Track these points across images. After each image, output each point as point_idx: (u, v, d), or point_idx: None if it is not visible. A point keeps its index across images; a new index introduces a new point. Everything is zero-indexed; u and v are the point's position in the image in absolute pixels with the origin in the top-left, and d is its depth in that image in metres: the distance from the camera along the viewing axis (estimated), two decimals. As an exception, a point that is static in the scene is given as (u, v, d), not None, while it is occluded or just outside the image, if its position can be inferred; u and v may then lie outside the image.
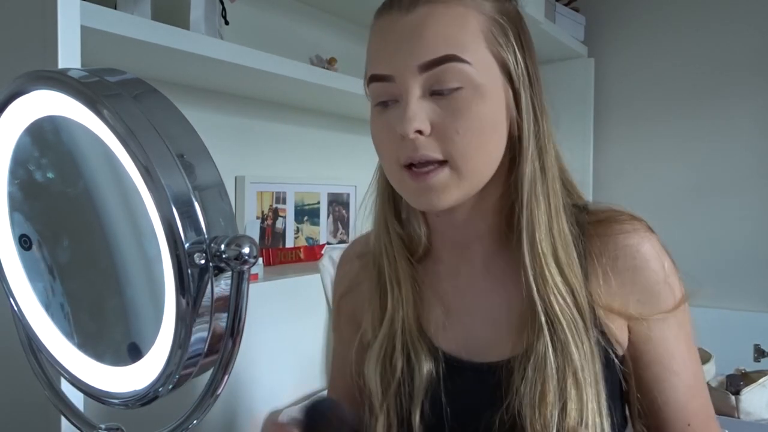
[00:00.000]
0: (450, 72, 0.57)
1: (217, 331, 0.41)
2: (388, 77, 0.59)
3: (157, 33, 0.90)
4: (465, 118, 0.58)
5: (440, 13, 0.58)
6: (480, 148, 0.59)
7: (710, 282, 1.98)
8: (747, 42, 1.97)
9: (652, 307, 0.63)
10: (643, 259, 0.63)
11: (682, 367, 0.65)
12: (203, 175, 0.40)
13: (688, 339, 0.66)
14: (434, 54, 0.57)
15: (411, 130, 0.57)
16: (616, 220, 0.65)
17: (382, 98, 0.61)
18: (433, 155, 0.58)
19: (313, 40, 1.54)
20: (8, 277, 0.48)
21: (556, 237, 0.61)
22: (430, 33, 0.57)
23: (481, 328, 0.66)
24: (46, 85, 0.41)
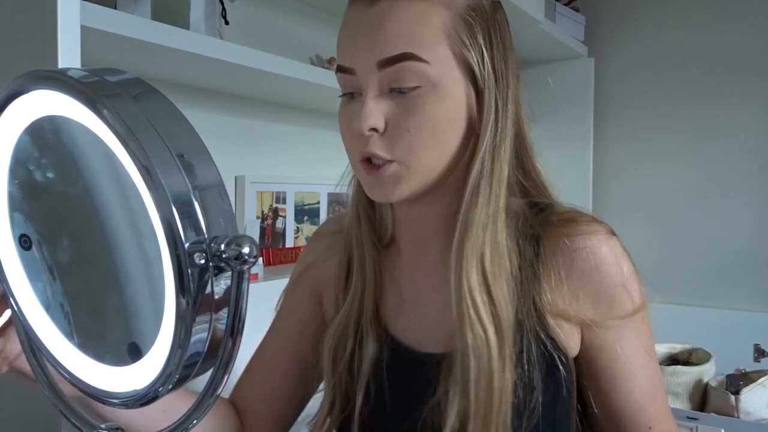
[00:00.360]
0: (407, 70, 0.56)
1: (217, 331, 0.41)
2: (350, 70, 0.59)
3: (157, 33, 0.90)
4: (418, 117, 0.57)
5: (401, 8, 0.56)
6: (431, 147, 0.59)
7: (710, 282, 1.99)
8: (747, 42, 1.97)
9: (605, 311, 0.61)
10: (598, 262, 0.61)
11: (639, 372, 0.63)
12: (203, 175, 0.40)
13: (646, 344, 0.64)
14: (392, 51, 0.56)
15: (365, 128, 0.57)
16: (576, 221, 0.63)
17: (346, 89, 0.61)
18: (382, 154, 0.58)
19: (313, 40, 1.54)
20: (8, 277, 0.48)
21: (487, 242, 0.59)
22: (390, 29, 0.56)
23: (431, 320, 0.66)
24: (46, 85, 0.41)
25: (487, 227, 0.59)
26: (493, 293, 0.59)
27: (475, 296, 0.58)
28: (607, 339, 0.62)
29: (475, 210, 0.59)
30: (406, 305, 0.68)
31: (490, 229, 0.59)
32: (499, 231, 0.60)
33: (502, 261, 0.60)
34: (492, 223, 0.59)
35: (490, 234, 0.59)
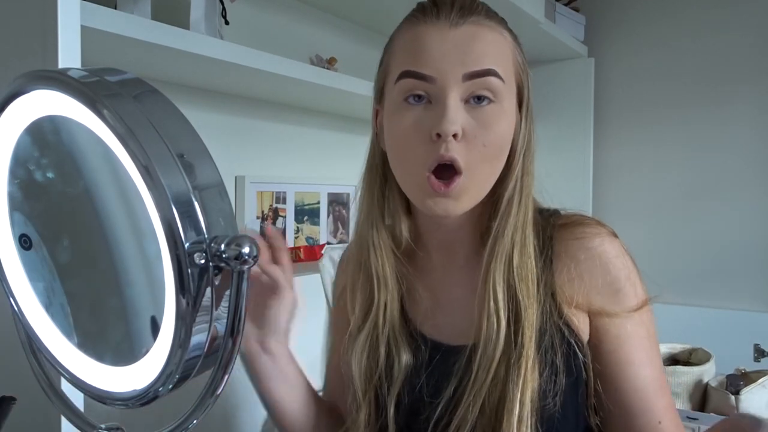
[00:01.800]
0: (488, 85, 0.63)
1: (217, 331, 0.41)
2: (429, 78, 0.63)
3: (157, 33, 0.90)
4: (492, 133, 0.64)
5: (485, 33, 0.65)
6: (494, 162, 0.65)
7: (710, 282, 1.99)
8: (747, 43, 1.97)
9: (612, 302, 0.68)
10: (604, 258, 0.68)
11: (644, 361, 0.68)
12: (203, 175, 0.40)
13: (650, 338, 0.69)
14: (481, 66, 0.63)
15: (451, 130, 0.61)
16: (582, 224, 0.70)
17: (415, 92, 0.64)
18: (458, 160, 0.62)
19: (313, 40, 1.54)
20: (8, 277, 0.48)
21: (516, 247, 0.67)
22: (478, 47, 0.63)
23: (460, 316, 0.71)
24: (46, 85, 0.41)
25: (517, 234, 0.67)
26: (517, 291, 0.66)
27: (497, 290, 0.65)
28: (613, 325, 0.68)
29: (508, 219, 0.67)
30: (435, 305, 0.74)
31: (519, 236, 0.67)
32: (528, 236, 0.67)
33: (528, 263, 0.67)
34: (521, 231, 0.67)
35: (519, 240, 0.67)
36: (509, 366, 0.64)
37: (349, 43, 1.66)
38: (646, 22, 2.14)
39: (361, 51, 1.70)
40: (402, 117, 0.65)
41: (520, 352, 0.64)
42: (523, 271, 0.66)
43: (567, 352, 0.67)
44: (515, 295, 0.66)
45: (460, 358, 0.68)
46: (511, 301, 0.66)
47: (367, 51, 1.75)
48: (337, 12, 1.59)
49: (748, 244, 1.96)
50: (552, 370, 0.66)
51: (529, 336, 0.64)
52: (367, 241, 0.73)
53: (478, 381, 0.65)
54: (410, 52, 0.65)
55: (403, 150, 0.65)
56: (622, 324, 0.68)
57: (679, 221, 2.07)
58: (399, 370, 0.71)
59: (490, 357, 0.65)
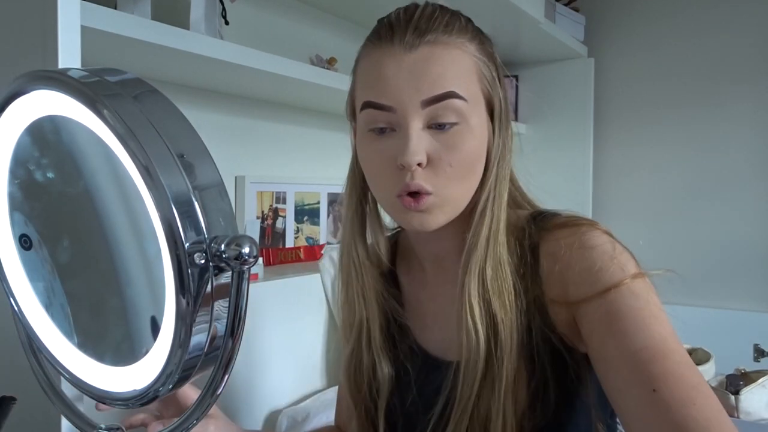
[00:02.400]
0: (449, 108, 0.62)
1: (217, 331, 0.41)
2: (389, 107, 0.63)
3: (157, 33, 0.90)
4: (458, 152, 0.63)
5: (441, 54, 0.63)
6: (463, 180, 0.65)
7: (710, 282, 1.99)
8: (747, 42, 1.97)
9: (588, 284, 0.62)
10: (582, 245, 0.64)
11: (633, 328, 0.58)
12: (203, 175, 0.40)
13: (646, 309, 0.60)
14: (437, 90, 0.62)
15: (413, 162, 0.62)
16: (566, 224, 0.68)
17: (378, 125, 0.65)
18: (425, 186, 0.63)
19: (313, 40, 1.54)
20: (8, 277, 0.48)
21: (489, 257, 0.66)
22: (434, 71, 0.62)
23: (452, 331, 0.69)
24: (46, 85, 0.41)
25: (489, 245, 0.66)
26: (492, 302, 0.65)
27: (473, 304, 0.64)
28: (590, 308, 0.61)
29: (481, 231, 0.66)
30: (429, 318, 0.74)
31: (491, 247, 0.66)
32: (500, 246, 0.66)
33: (501, 273, 0.66)
34: (493, 241, 0.66)
35: (492, 250, 0.66)
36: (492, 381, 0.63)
37: (349, 43, 1.66)
38: (646, 22, 2.14)
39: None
40: (369, 147, 0.66)
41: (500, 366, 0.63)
42: (496, 283, 0.65)
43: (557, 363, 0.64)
44: (491, 310, 0.64)
45: (447, 374, 0.67)
46: (488, 315, 0.65)
47: (367, 51, 1.75)
48: (337, 12, 1.59)
49: (748, 244, 1.96)
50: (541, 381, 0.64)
51: (508, 350, 0.63)
52: (348, 259, 0.75)
53: (463, 398, 0.64)
54: (369, 81, 0.66)
55: (373, 177, 0.68)
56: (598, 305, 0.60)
57: (678, 221, 2.07)
58: (383, 382, 0.72)
59: (473, 374, 0.64)
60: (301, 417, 1.20)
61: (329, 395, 1.31)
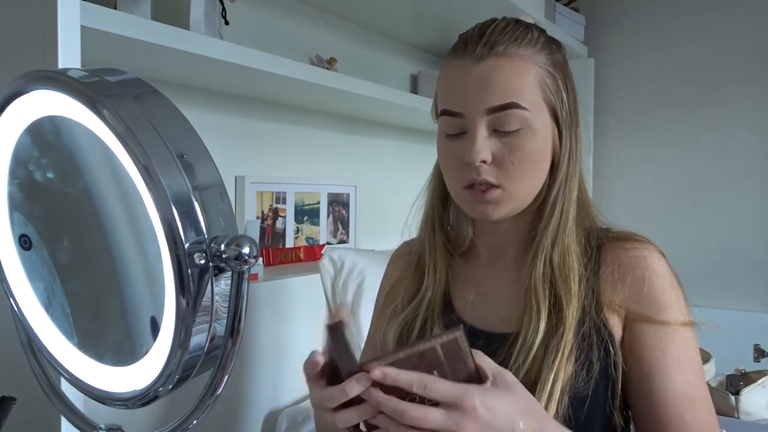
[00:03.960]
0: (511, 116, 0.70)
1: (217, 331, 0.41)
2: (459, 114, 0.72)
3: (157, 33, 0.90)
4: (519, 153, 0.71)
5: (505, 66, 0.71)
6: (528, 176, 0.72)
7: (710, 282, 1.99)
8: (747, 42, 1.97)
9: (650, 310, 0.71)
10: (649, 268, 0.73)
11: (674, 371, 0.70)
12: (203, 175, 0.40)
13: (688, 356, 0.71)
14: (500, 101, 0.70)
15: (477, 160, 0.70)
16: (632, 237, 0.77)
17: (451, 130, 0.74)
18: (491, 180, 0.71)
19: (313, 40, 1.54)
20: (8, 277, 0.48)
21: (556, 247, 0.73)
22: (497, 83, 0.70)
23: (501, 307, 0.77)
24: (46, 85, 0.41)
25: (558, 235, 0.74)
26: (557, 288, 0.72)
27: (538, 288, 0.72)
28: (648, 333, 0.71)
29: (551, 221, 0.74)
30: (480, 296, 0.80)
31: (560, 235, 0.74)
32: (567, 238, 0.74)
33: (568, 262, 0.73)
34: (562, 230, 0.74)
35: (560, 239, 0.74)
36: (547, 351, 0.69)
37: (349, 43, 1.66)
38: (646, 23, 2.14)
39: (361, 51, 1.70)
40: (444, 147, 0.75)
41: (558, 340, 0.69)
42: (563, 270, 0.72)
43: (600, 346, 0.71)
44: (556, 292, 0.72)
45: (503, 344, 0.73)
46: (552, 297, 0.72)
47: (367, 51, 1.75)
48: (337, 12, 1.59)
49: (748, 244, 1.96)
50: (586, 358, 0.70)
51: (567, 327, 0.70)
52: (424, 241, 0.84)
53: (517, 363, 0.70)
54: (445, 89, 0.75)
55: (446, 171, 0.77)
56: (656, 333, 0.71)
57: (679, 221, 2.07)
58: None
59: (530, 344, 0.70)
60: (301, 417, 1.20)
61: (329, 395, 1.31)
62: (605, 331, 0.71)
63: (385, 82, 1.45)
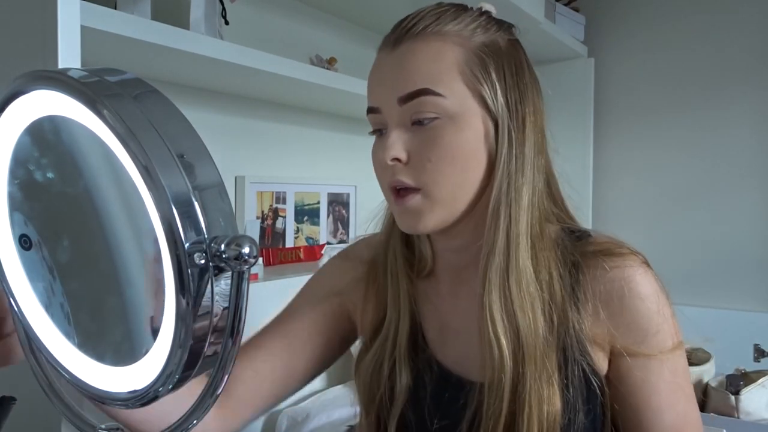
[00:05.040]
0: (425, 104, 0.61)
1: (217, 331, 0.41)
2: (376, 109, 0.65)
3: (157, 33, 0.90)
4: (438, 147, 0.61)
5: (418, 49, 0.62)
6: (451, 175, 0.62)
7: (710, 282, 1.99)
8: (747, 42, 1.97)
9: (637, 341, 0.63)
10: (633, 293, 0.63)
11: (665, 404, 0.64)
12: (203, 175, 0.40)
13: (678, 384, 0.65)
14: (410, 88, 0.61)
15: (388, 158, 0.62)
16: (614, 253, 0.65)
17: (375, 127, 0.66)
18: (407, 182, 0.62)
19: (313, 40, 1.54)
20: (8, 277, 0.48)
21: (511, 265, 0.62)
22: (408, 68, 0.61)
23: (472, 348, 0.66)
24: (46, 85, 0.41)
25: (509, 250, 0.62)
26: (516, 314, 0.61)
27: (495, 317, 0.61)
28: (636, 367, 0.64)
29: (497, 234, 0.62)
30: (450, 333, 0.71)
31: (512, 253, 0.62)
32: (521, 253, 0.62)
33: (526, 284, 0.62)
34: (514, 247, 0.62)
35: (513, 257, 0.62)
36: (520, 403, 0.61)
37: (349, 43, 1.66)
38: (646, 23, 2.14)
39: (361, 51, 1.70)
40: (373, 149, 0.67)
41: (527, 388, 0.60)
42: (519, 294, 0.61)
43: (587, 391, 0.64)
44: (516, 323, 0.61)
45: (471, 395, 0.64)
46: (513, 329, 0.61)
47: (367, 51, 1.74)
48: (337, 12, 1.59)
49: (748, 244, 1.96)
50: (571, 409, 0.62)
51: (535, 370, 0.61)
52: (384, 263, 0.74)
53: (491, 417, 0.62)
54: (368, 83, 0.67)
55: (377, 177, 0.67)
56: (644, 365, 0.63)
57: (679, 221, 2.07)
58: (400, 391, 0.69)
59: (499, 397, 0.61)
60: (301, 417, 1.20)
61: (329, 395, 1.31)
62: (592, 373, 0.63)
63: (385, 82, 1.45)
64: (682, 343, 0.66)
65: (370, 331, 0.74)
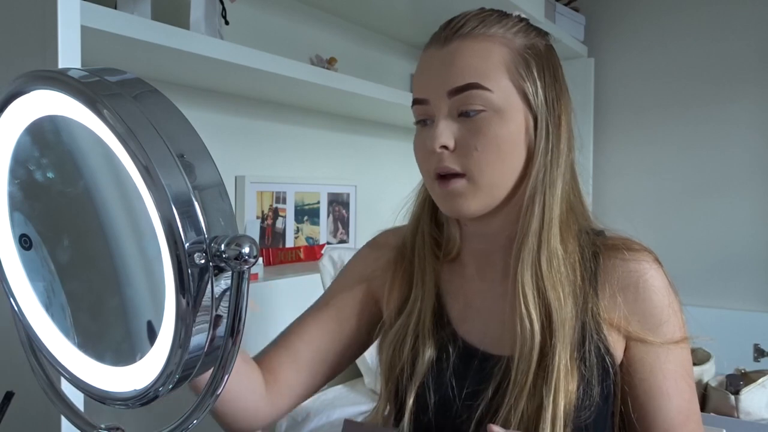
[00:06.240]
0: (473, 97, 0.66)
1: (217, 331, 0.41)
2: (424, 101, 0.70)
3: (157, 33, 0.90)
4: (484, 137, 0.67)
5: (468, 47, 0.68)
6: (495, 164, 0.68)
7: (710, 282, 1.99)
8: (747, 42, 1.97)
9: (651, 331, 0.69)
10: (648, 284, 0.70)
11: (674, 391, 0.70)
12: (203, 175, 0.40)
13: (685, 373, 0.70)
14: (461, 81, 0.67)
15: (437, 145, 0.67)
16: (628, 248, 0.72)
17: (420, 117, 0.71)
18: (453, 167, 0.67)
19: (313, 40, 1.54)
20: (8, 277, 0.48)
21: (543, 247, 0.68)
22: (458, 64, 0.67)
23: (496, 327, 0.73)
24: (46, 85, 0.41)
25: (542, 234, 0.68)
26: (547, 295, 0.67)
27: (527, 293, 0.67)
28: (649, 354, 0.70)
29: (532, 219, 0.68)
30: (472, 312, 0.76)
31: (544, 236, 0.68)
32: (553, 237, 0.68)
33: (555, 265, 0.68)
34: (546, 231, 0.68)
35: (545, 240, 0.68)
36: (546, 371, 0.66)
37: (349, 43, 1.66)
38: (646, 22, 2.14)
39: (361, 51, 1.70)
40: (415, 138, 0.73)
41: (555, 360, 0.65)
42: (551, 274, 0.67)
43: (601, 369, 0.68)
44: (547, 300, 0.67)
45: (498, 367, 0.69)
46: (543, 306, 0.67)
47: (367, 51, 1.75)
48: (337, 12, 1.59)
49: (748, 244, 1.96)
50: (587, 384, 0.67)
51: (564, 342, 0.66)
52: (412, 244, 0.79)
53: (516, 390, 0.66)
54: (415, 78, 0.73)
55: (419, 165, 0.73)
56: (657, 354, 0.69)
57: (678, 221, 2.07)
58: (422, 364, 0.73)
59: (527, 368, 0.66)
60: (301, 417, 1.20)
61: (329, 395, 1.31)
62: (605, 352, 0.69)
63: (385, 82, 1.45)
64: (688, 338, 0.71)
65: (396, 308, 0.78)
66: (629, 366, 0.70)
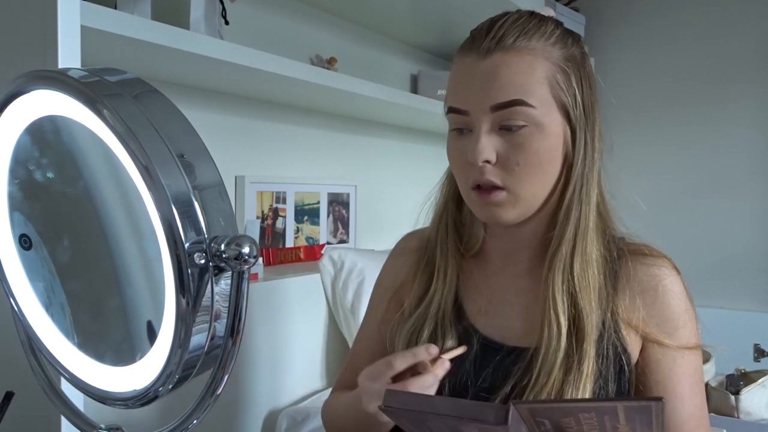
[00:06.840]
0: (516, 113, 0.67)
1: (217, 331, 0.41)
2: (464, 111, 0.70)
3: (157, 33, 0.90)
4: (525, 153, 0.68)
5: (511, 61, 0.68)
6: (536, 177, 0.69)
7: (710, 282, 1.99)
8: (747, 42, 1.97)
9: (668, 333, 0.71)
10: (667, 289, 0.72)
11: (688, 397, 0.71)
12: (203, 175, 0.40)
13: (696, 379, 0.72)
14: (504, 98, 0.67)
15: (480, 160, 0.68)
16: (652, 254, 0.75)
17: (457, 126, 0.72)
18: (495, 181, 0.69)
19: (313, 40, 1.54)
20: (8, 277, 0.48)
21: (576, 255, 0.70)
22: (502, 79, 0.67)
23: (515, 320, 0.75)
24: (46, 85, 0.41)
25: (577, 242, 0.71)
26: (578, 298, 0.69)
27: (557, 298, 0.69)
28: (665, 357, 0.71)
29: (568, 228, 0.71)
30: (491, 306, 0.78)
31: (579, 245, 0.70)
32: (588, 245, 0.71)
33: (589, 271, 0.70)
34: (581, 240, 0.71)
35: (579, 248, 0.70)
36: (568, 371, 0.67)
37: (349, 43, 1.66)
38: (645, 22, 2.14)
39: (361, 51, 1.70)
40: (451, 145, 0.73)
41: (581, 358, 0.67)
42: (583, 280, 0.69)
43: (618, 367, 0.70)
44: (576, 303, 0.69)
45: (520, 360, 0.71)
46: (573, 308, 0.69)
47: (367, 51, 1.75)
48: (337, 12, 1.59)
49: (749, 244, 1.96)
50: (603, 380, 0.69)
51: (588, 342, 0.68)
52: (435, 240, 0.81)
53: (538, 383, 0.68)
54: (452, 86, 0.73)
55: (454, 170, 0.74)
56: (673, 357, 0.71)
57: (679, 221, 2.07)
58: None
59: (552, 362, 0.68)
60: (301, 417, 1.20)
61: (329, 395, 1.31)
62: (622, 350, 0.70)
63: (385, 82, 1.45)
64: (701, 347, 0.73)
65: (416, 299, 0.80)
66: (645, 367, 0.72)
